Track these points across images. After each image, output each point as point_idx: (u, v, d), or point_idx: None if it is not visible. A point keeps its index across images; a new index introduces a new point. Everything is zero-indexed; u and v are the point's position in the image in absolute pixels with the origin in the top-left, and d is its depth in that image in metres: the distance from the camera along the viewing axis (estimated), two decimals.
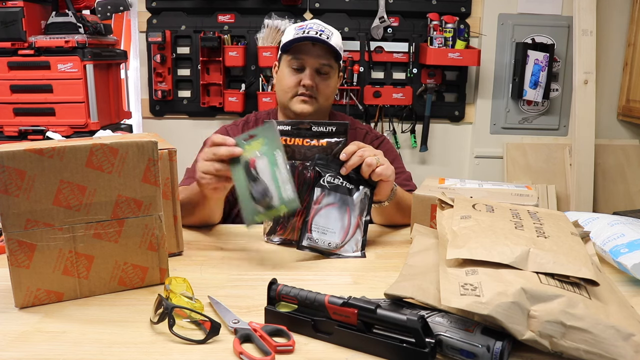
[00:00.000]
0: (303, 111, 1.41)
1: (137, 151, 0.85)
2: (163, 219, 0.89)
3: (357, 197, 1.08)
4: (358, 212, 1.08)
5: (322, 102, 1.42)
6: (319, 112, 1.44)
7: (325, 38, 1.37)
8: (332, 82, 1.44)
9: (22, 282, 0.81)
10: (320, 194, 1.06)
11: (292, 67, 1.41)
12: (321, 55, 1.38)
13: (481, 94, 2.80)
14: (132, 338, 0.74)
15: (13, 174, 0.77)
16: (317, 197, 1.06)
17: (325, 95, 1.43)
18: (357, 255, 1.06)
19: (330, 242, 1.04)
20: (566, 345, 0.64)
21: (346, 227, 1.06)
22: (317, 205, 1.06)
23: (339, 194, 1.07)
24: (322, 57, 1.39)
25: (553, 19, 2.70)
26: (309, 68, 1.39)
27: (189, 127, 2.83)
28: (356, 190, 1.08)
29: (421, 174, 2.05)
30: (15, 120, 2.37)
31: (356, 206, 1.08)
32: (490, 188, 1.18)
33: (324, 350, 0.71)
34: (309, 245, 1.04)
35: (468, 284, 0.67)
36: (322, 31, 1.38)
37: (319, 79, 1.40)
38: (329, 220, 1.05)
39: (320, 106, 1.43)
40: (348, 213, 1.07)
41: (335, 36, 1.40)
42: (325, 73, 1.41)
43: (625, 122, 2.79)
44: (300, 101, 1.41)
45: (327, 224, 1.05)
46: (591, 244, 0.92)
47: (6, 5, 2.26)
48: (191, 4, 2.69)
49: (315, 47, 1.38)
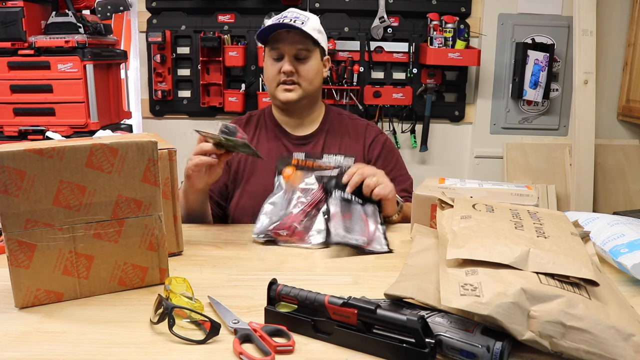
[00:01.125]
0: (288, 99, 1.44)
1: (137, 151, 0.85)
2: (163, 219, 0.89)
3: (369, 208, 1.18)
4: (373, 219, 1.16)
5: (305, 86, 1.44)
6: (305, 97, 1.46)
7: (300, 24, 1.39)
8: (313, 65, 1.45)
9: (22, 282, 0.81)
10: (335, 209, 1.12)
11: (273, 57, 1.44)
12: (297, 41, 1.41)
13: (481, 94, 2.80)
14: (132, 338, 0.74)
15: (13, 174, 0.77)
16: (333, 211, 1.11)
17: (308, 79, 1.44)
18: (385, 250, 1.08)
19: (357, 239, 1.07)
20: (566, 345, 0.64)
21: (366, 230, 1.11)
22: (335, 215, 1.10)
23: (352, 206, 1.16)
24: (298, 42, 1.41)
25: (553, 19, 2.70)
26: (286, 55, 1.42)
27: (189, 127, 2.83)
28: (367, 203, 1.19)
29: (421, 174, 2.05)
30: (15, 120, 2.37)
31: (370, 214, 1.16)
32: (490, 188, 1.18)
33: (324, 350, 0.71)
34: (339, 241, 1.05)
35: (468, 284, 0.67)
36: (296, 17, 1.41)
37: (298, 64, 1.43)
38: (350, 223, 1.10)
39: (305, 91, 1.45)
40: (365, 219, 1.14)
41: (312, 21, 1.43)
42: (304, 57, 1.43)
43: (625, 122, 2.79)
44: (284, 90, 1.44)
45: (350, 225, 1.09)
46: (591, 244, 0.92)
47: (6, 5, 2.26)
48: (191, 4, 2.69)
49: (290, 34, 1.41)
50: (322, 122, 1.53)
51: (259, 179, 1.47)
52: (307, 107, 1.50)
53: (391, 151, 1.56)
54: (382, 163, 1.53)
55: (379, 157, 1.53)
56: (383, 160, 1.53)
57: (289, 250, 1.09)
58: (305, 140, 1.51)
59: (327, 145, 1.51)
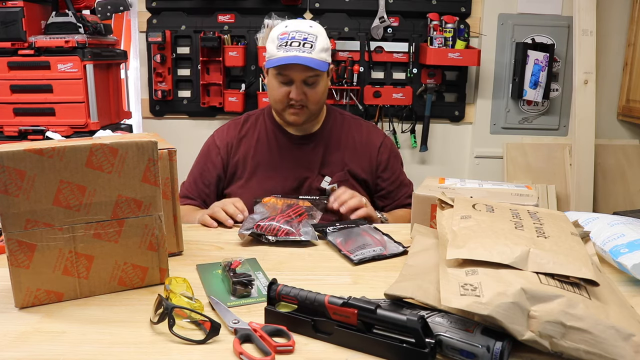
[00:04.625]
0: (296, 121, 1.45)
1: (137, 151, 0.85)
2: (163, 219, 0.89)
3: (363, 226, 1.19)
4: (374, 231, 1.17)
5: (313, 109, 1.45)
6: (312, 116, 1.48)
7: (309, 48, 1.36)
8: (321, 87, 1.44)
9: (22, 282, 0.81)
10: (338, 240, 1.12)
11: (280, 81, 1.41)
12: (307, 69, 1.37)
13: (481, 94, 2.80)
14: (132, 338, 0.74)
15: (13, 174, 0.77)
16: (336, 242, 1.11)
17: (316, 101, 1.44)
18: (402, 250, 1.08)
19: (374, 250, 1.07)
20: (566, 345, 0.64)
21: (375, 240, 1.11)
22: (341, 244, 1.10)
23: (349, 229, 1.17)
24: (308, 70, 1.37)
25: (553, 19, 2.70)
26: (296, 81, 1.39)
27: (189, 127, 2.83)
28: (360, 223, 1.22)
29: (421, 174, 2.05)
30: (15, 120, 2.37)
31: (368, 229, 1.17)
32: (490, 188, 1.18)
33: (324, 350, 0.71)
34: (362, 260, 1.04)
35: (468, 284, 0.67)
36: (304, 40, 1.36)
37: (307, 89, 1.41)
38: (359, 242, 1.10)
39: (312, 112, 1.46)
40: (367, 234, 1.14)
41: (319, 40, 1.39)
42: (313, 82, 1.41)
43: (625, 122, 2.79)
44: (291, 113, 1.43)
45: (360, 244, 1.09)
46: (591, 244, 0.92)
47: (6, 5, 2.25)
48: (191, 4, 2.69)
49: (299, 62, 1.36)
50: (324, 122, 1.53)
51: (260, 180, 1.48)
52: (310, 121, 1.51)
53: (396, 156, 1.58)
54: (390, 167, 1.54)
55: (388, 160, 1.54)
56: (391, 164, 1.55)
57: (289, 250, 1.09)
58: (306, 140, 1.51)
59: (329, 145, 1.51)
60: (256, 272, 0.96)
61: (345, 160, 1.50)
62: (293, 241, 1.12)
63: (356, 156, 1.51)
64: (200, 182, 1.52)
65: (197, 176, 1.53)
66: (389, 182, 1.54)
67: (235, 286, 0.86)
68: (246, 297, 0.86)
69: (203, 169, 1.53)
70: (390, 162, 1.54)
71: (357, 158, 1.51)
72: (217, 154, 1.52)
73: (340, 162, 1.49)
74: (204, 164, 1.54)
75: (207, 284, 0.91)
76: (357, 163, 1.51)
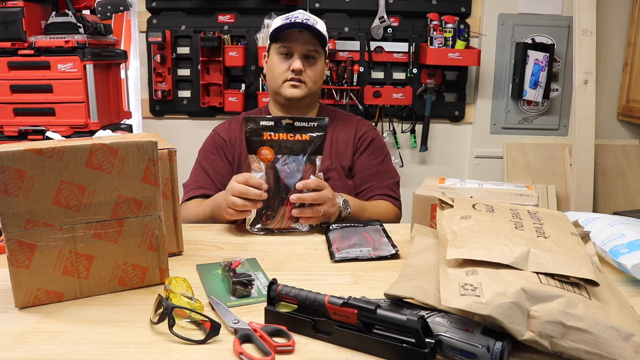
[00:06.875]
0: (294, 95, 1.48)
1: (137, 151, 0.85)
2: (163, 219, 0.89)
3: (372, 227, 1.20)
4: (377, 233, 1.17)
5: (310, 86, 1.49)
6: (308, 95, 1.50)
7: (313, 22, 1.44)
8: (319, 67, 1.50)
9: (22, 282, 0.81)
10: (335, 235, 1.15)
11: (281, 53, 1.48)
12: (308, 41, 1.46)
13: (481, 94, 2.80)
14: (132, 338, 0.74)
15: (13, 174, 0.77)
16: (332, 237, 1.14)
17: (313, 80, 1.49)
18: (392, 252, 1.07)
19: (362, 250, 1.07)
20: (566, 345, 0.64)
21: (370, 241, 1.11)
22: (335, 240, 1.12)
23: (354, 227, 1.19)
24: (309, 43, 1.46)
25: (553, 19, 2.70)
26: (297, 54, 1.46)
27: (189, 127, 2.83)
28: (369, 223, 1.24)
29: (421, 174, 2.05)
30: (15, 120, 2.37)
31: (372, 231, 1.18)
32: (490, 188, 1.18)
33: (324, 350, 0.71)
34: (342, 258, 1.04)
35: (468, 284, 0.67)
36: (307, 19, 1.45)
37: (306, 64, 1.47)
38: (353, 242, 1.11)
39: (309, 90, 1.49)
40: (367, 235, 1.15)
41: (320, 24, 1.48)
42: (313, 58, 1.48)
43: (625, 122, 2.79)
44: (290, 86, 1.47)
45: (353, 242, 1.10)
46: (591, 244, 0.92)
47: (6, 5, 2.25)
48: (191, 4, 2.69)
49: (302, 34, 1.45)
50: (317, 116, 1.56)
51: None
52: (306, 106, 1.54)
53: (380, 147, 1.58)
54: (369, 155, 1.54)
55: (367, 149, 1.55)
56: (371, 153, 1.55)
57: (289, 250, 1.10)
58: None
59: None
60: (256, 272, 0.96)
61: (332, 151, 1.52)
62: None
63: (343, 146, 1.54)
64: (212, 172, 1.49)
65: (207, 167, 1.50)
66: (363, 167, 1.54)
67: (235, 286, 0.86)
68: (246, 297, 0.86)
69: (212, 159, 1.52)
70: (369, 150, 1.54)
71: (344, 148, 1.54)
72: (224, 145, 1.53)
73: (327, 152, 1.51)
74: (212, 153, 1.53)
75: (207, 284, 0.91)
76: (343, 154, 1.53)
